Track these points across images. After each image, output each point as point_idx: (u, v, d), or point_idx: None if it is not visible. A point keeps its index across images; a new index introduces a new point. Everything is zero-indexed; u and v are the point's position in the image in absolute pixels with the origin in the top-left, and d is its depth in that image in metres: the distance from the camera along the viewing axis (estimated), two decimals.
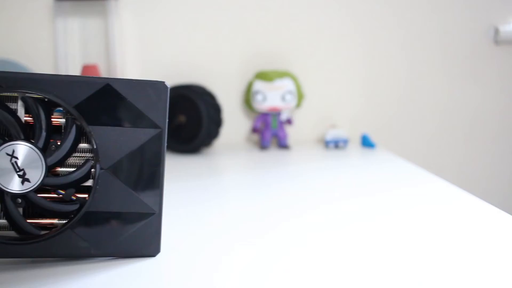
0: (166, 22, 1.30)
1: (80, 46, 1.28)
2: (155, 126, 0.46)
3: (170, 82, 1.27)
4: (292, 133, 1.33)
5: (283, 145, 1.24)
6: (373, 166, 0.98)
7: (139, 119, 0.46)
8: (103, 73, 1.25)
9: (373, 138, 1.33)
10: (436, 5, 1.34)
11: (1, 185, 0.43)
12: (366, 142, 1.23)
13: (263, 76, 1.24)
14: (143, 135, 0.46)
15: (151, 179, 0.47)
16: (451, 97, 1.37)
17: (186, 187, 0.80)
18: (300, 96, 1.25)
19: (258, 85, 1.24)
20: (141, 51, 1.30)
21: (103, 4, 1.26)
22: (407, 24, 1.35)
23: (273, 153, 1.17)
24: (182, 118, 1.15)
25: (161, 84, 0.46)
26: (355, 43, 1.35)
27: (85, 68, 1.18)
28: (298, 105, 1.26)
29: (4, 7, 1.28)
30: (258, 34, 1.32)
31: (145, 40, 1.30)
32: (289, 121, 1.27)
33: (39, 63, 1.28)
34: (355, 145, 1.26)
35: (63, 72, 1.25)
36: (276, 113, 1.25)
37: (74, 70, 1.25)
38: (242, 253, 0.50)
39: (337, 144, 1.22)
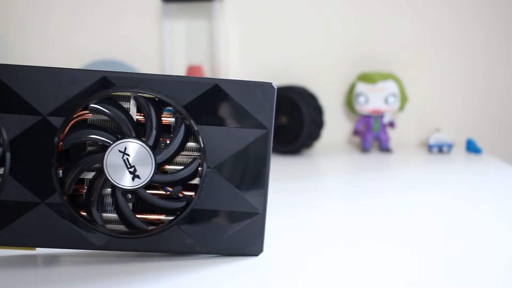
0: (269, 23, 1.31)
1: (186, 47, 1.31)
2: (261, 126, 0.47)
3: None
4: (394, 136, 1.31)
5: (385, 148, 1.22)
6: (478, 173, 0.94)
7: (246, 119, 0.46)
8: (207, 73, 1.27)
9: (480, 143, 1.28)
10: None
11: (114, 180, 0.45)
12: (472, 147, 1.19)
13: (366, 78, 1.23)
14: (249, 135, 0.47)
15: (256, 179, 0.47)
16: None
17: (287, 188, 0.80)
18: (403, 99, 1.23)
19: (361, 87, 1.23)
20: (244, 52, 1.32)
21: (209, 6, 1.28)
22: None
23: (375, 156, 1.15)
24: (283, 119, 1.16)
25: (269, 85, 0.46)
26: (461, 45, 1.31)
27: (190, 68, 1.21)
28: (402, 107, 1.24)
29: (113, 10, 1.33)
30: (361, 35, 1.31)
31: (249, 41, 1.32)
32: (391, 124, 1.25)
33: (146, 63, 1.33)
34: (460, 150, 1.22)
35: (168, 72, 1.28)
36: (378, 115, 1.23)
37: (179, 70, 1.28)
38: (343, 255, 0.50)
39: (441, 149, 1.19)
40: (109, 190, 0.47)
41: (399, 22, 1.31)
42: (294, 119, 1.15)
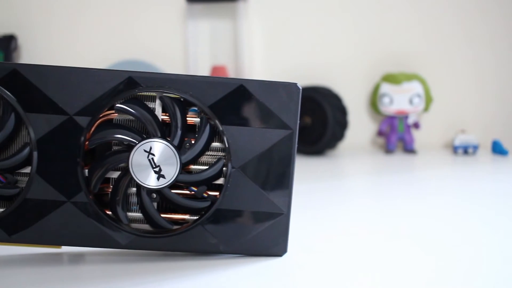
0: (293, 24, 1.31)
1: (210, 47, 1.32)
2: (286, 127, 0.46)
3: None
4: (418, 137, 1.30)
5: (409, 149, 1.22)
6: (505, 175, 0.93)
7: (270, 120, 0.46)
8: (231, 74, 1.28)
9: (506, 144, 1.27)
10: None
11: (139, 180, 0.45)
12: (498, 149, 1.18)
13: (391, 78, 1.22)
14: (274, 135, 0.47)
15: (280, 180, 0.47)
16: None
17: (310, 189, 0.80)
18: (428, 100, 1.22)
19: (385, 88, 1.22)
20: (268, 52, 1.32)
21: (233, 6, 1.28)
22: None
23: (399, 157, 1.15)
24: (307, 120, 1.15)
25: (294, 85, 0.46)
26: (487, 45, 1.29)
27: (214, 69, 1.22)
28: (426, 108, 1.23)
29: (138, 11, 1.33)
30: (386, 36, 1.30)
31: (272, 41, 1.32)
32: (416, 125, 1.24)
33: (170, 63, 1.33)
34: (485, 152, 1.20)
35: (192, 72, 1.29)
36: (403, 116, 1.23)
37: (203, 70, 1.29)
38: (367, 257, 0.49)
39: (466, 150, 1.18)
40: (134, 189, 0.47)
41: (424, 22, 1.30)
42: (318, 120, 1.15)
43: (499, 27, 1.29)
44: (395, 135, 1.23)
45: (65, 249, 0.50)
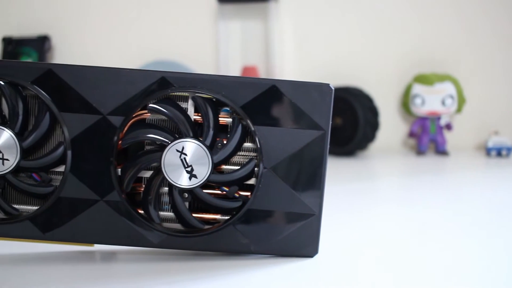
0: (324, 24, 1.31)
1: (241, 47, 1.32)
2: (318, 128, 0.46)
3: None
4: (451, 139, 1.28)
5: (441, 150, 1.20)
6: None
7: (302, 120, 0.46)
8: (262, 74, 1.28)
9: None
10: None
11: (171, 179, 0.45)
12: None
13: (423, 79, 1.21)
14: (306, 136, 0.46)
15: (312, 181, 0.47)
16: None
17: (341, 190, 0.79)
18: (461, 101, 1.21)
19: (417, 89, 1.21)
20: (299, 53, 1.32)
21: (264, 7, 1.28)
22: None
23: (430, 159, 1.13)
24: (338, 120, 1.15)
25: (326, 86, 0.46)
26: None
27: (245, 69, 1.22)
28: (459, 110, 1.22)
29: (170, 11, 1.34)
30: (418, 36, 1.29)
31: (303, 41, 1.32)
32: (448, 126, 1.23)
33: (201, 64, 1.34)
34: None
35: (223, 72, 1.29)
36: (435, 117, 1.22)
37: (234, 71, 1.29)
38: (398, 259, 0.49)
39: (499, 152, 1.16)
40: (166, 189, 0.48)
41: (457, 22, 1.28)
42: (348, 121, 1.14)
43: None
44: (427, 137, 1.22)
45: (97, 247, 0.51)
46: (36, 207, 0.47)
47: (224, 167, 0.47)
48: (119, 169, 0.47)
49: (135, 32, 1.40)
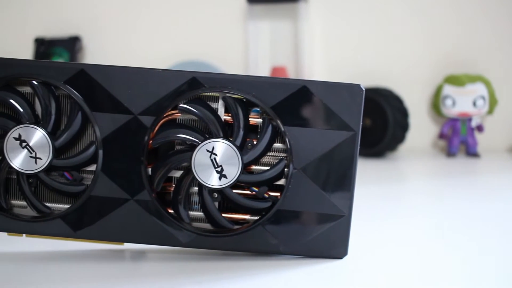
0: (354, 24, 1.30)
1: (270, 48, 1.32)
2: (349, 128, 0.46)
3: None
4: (482, 140, 1.26)
5: (472, 152, 1.19)
6: None
7: (333, 121, 0.46)
8: (291, 74, 1.28)
9: None
10: None
11: (201, 179, 0.45)
12: None
13: (454, 80, 1.20)
14: (336, 137, 0.46)
15: (342, 182, 0.47)
16: None
17: (370, 191, 0.79)
18: (493, 102, 1.19)
19: (448, 90, 1.20)
20: (328, 53, 1.31)
21: (293, 7, 1.28)
22: None
23: (461, 161, 1.12)
24: (367, 121, 1.14)
25: (357, 87, 0.46)
26: None
27: (274, 69, 1.22)
28: (491, 111, 1.20)
29: (199, 11, 1.35)
30: (448, 36, 1.28)
31: (333, 42, 1.31)
32: (479, 128, 1.21)
33: (230, 64, 1.34)
34: None
35: (252, 73, 1.29)
36: (466, 118, 1.20)
37: (263, 71, 1.29)
38: (428, 262, 0.49)
39: None
40: (196, 188, 0.48)
41: (488, 22, 1.27)
42: (378, 122, 1.14)
43: None
44: (458, 138, 1.20)
45: (127, 246, 0.51)
46: (68, 206, 0.48)
47: (254, 167, 0.47)
48: (150, 169, 0.47)
49: (165, 32, 1.40)
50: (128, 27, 1.42)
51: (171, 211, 0.48)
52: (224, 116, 0.47)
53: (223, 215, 0.47)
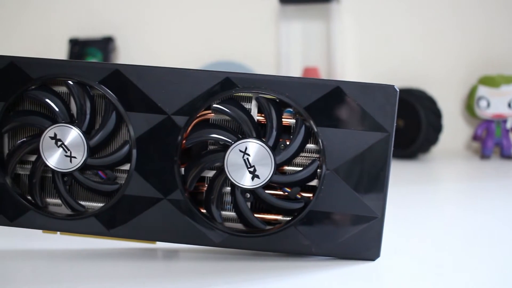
0: (386, 24, 1.30)
1: (302, 48, 1.32)
2: (382, 129, 0.46)
3: None
4: None
5: (507, 155, 1.17)
6: None
7: (366, 122, 0.46)
8: (323, 75, 1.27)
9: None
10: None
11: (234, 179, 0.45)
12: None
13: (488, 81, 1.18)
14: (369, 138, 0.46)
15: (375, 183, 0.46)
16: None
17: (402, 193, 0.78)
18: None
19: (482, 91, 1.18)
20: (361, 54, 1.31)
21: (326, 7, 1.28)
22: None
23: (495, 163, 1.11)
24: (400, 122, 1.13)
25: (391, 87, 0.46)
26: None
27: (306, 70, 1.21)
28: None
29: (231, 12, 1.35)
30: (483, 36, 1.26)
31: (365, 42, 1.30)
32: None
33: (262, 65, 1.34)
34: None
35: (284, 73, 1.29)
36: (500, 120, 1.18)
37: (295, 72, 1.29)
38: (461, 266, 0.48)
39: None
40: (228, 188, 0.48)
41: None
42: (411, 123, 1.13)
43: None
44: (492, 140, 1.18)
45: (159, 244, 0.51)
46: (101, 204, 0.48)
47: (286, 168, 0.47)
48: (183, 169, 0.47)
49: (197, 33, 1.41)
50: (160, 28, 1.43)
51: (203, 210, 0.48)
52: (257, 117, 0.47)
53: (255, 215, 0.47)
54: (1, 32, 1.49)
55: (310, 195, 0.47)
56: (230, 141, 0.45)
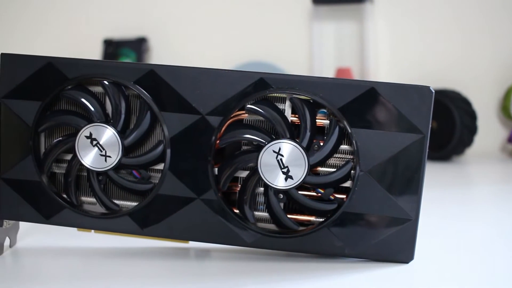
0: (420, 25, 1.28)
1: (335, 49, 1.31)
2: (417, 131, 0.45)
3: None
4: None
5: None
6: None
7: (401, 123, 0.45)
8: (356, 76, 1.27)
9: None
10: None
11: (267, 180, 0.45)
12: None
13: None
14: (404, 139, 0.46)
15: (409, 185, 0.46)
16: None
17: (436, 196, 0.77)
18: None
19: None
20: (394, 54, 1.30)
21: (359, 8, 1.27)
22: None
23: None
24: (434, 124, 1.12)
25: (426, 88, 0.45)
26: None
27: (339, 70, 1.21)
28: None
29: (264, 12, 1.35)
30: None
31: (399, 43, 1.29)
32: None
33: (295, 65, 1.34)
34: None
35: (317, 74, 1.29)
36: None
37: (328, 72, 1.29)
38: (493, 268, 0.47)
39: None
40: (261, 189, 0.48)
41: None
42: (445, 124, 1.12)
43: None
44: None
45: (192, 244, 0.52)
46: (135, 203, 0.49)
47: (320, 169, 0.47)
48: (216, 169, 0.47)
49: (229, 34, 1.41)
50: (194, 28, 1.44)
51: (236, 211, 0.48)
52: (291, 117, 0.47)
53: (288, 216, 0.47)
54: (37, 33, 1.51)
55: (344, 196, 0.47)
56: (264, 141, 0.45)
